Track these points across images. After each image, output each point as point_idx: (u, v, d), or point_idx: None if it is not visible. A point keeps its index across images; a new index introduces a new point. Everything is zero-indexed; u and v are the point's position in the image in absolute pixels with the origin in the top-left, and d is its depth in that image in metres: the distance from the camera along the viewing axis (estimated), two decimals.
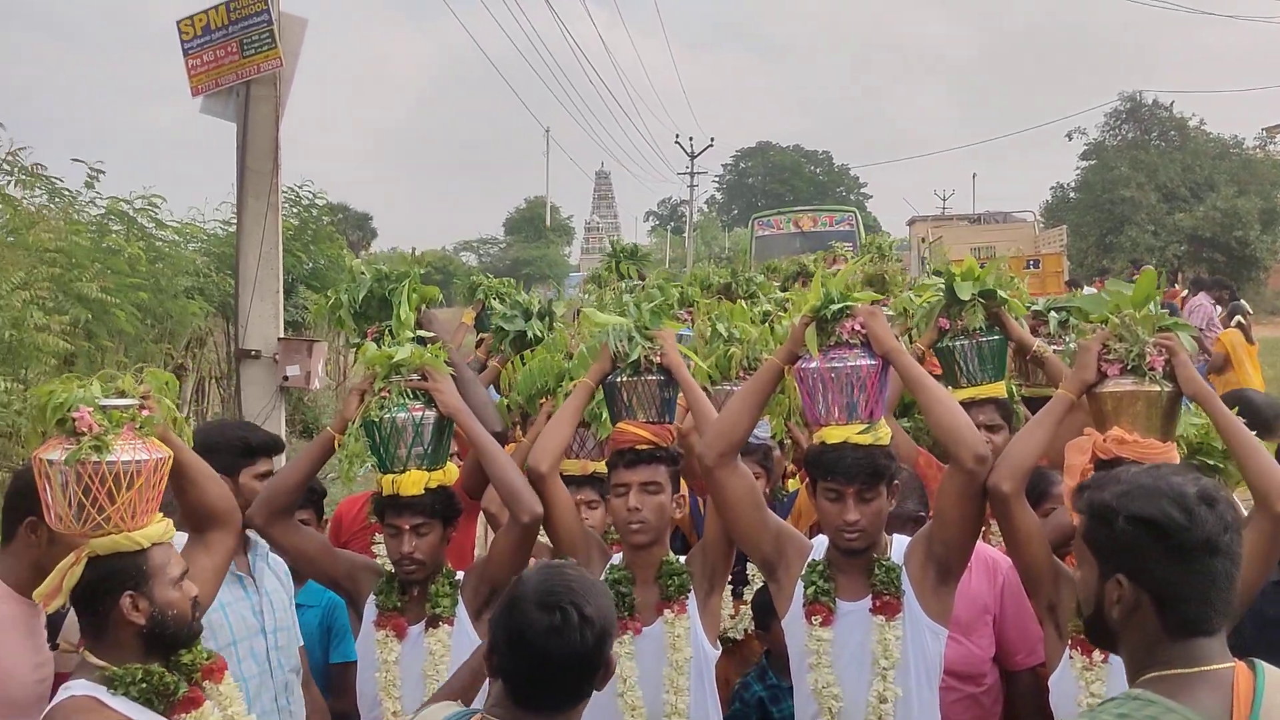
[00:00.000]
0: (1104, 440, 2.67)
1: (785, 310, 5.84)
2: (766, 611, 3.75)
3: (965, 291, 4.15)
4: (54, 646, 2.88)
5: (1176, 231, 29.85)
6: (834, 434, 2.94)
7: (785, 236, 23.11)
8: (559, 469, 3.33)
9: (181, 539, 2.72)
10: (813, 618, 2.96)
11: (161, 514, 2.58)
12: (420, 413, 3.18)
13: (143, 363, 9.90)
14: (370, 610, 3.24)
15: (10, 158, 8.54)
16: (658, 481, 3.21)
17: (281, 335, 7.31)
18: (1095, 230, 30.62)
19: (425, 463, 3.18)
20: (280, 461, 3.76)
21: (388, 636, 3.17)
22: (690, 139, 50.99)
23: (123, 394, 2.57)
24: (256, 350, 7.18)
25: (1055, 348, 4.59)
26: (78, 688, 2.40)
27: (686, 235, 51.18)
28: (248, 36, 7.08)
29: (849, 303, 2.97)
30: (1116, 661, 2.61)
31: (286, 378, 7.33)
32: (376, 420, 3.16)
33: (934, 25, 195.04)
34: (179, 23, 7.20)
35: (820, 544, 3.09)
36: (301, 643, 3.58)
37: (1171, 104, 33.30)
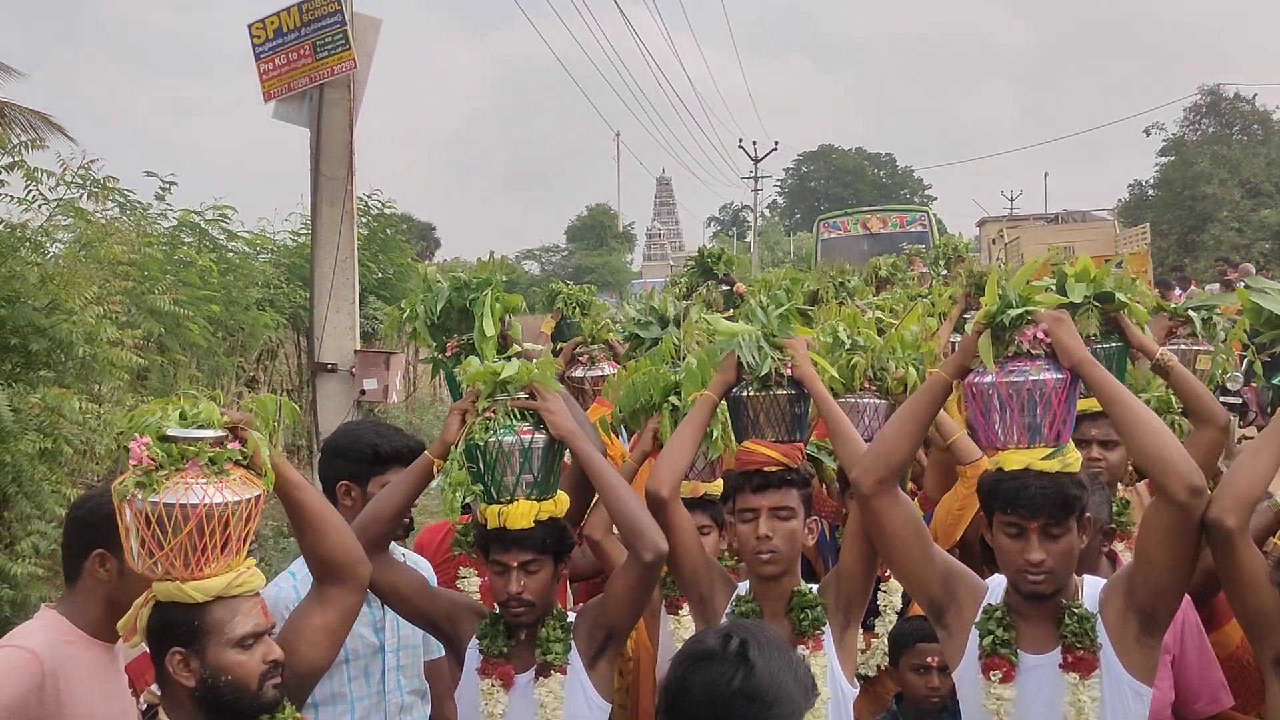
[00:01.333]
0: None
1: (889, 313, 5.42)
2: (901, 645, 3.41)
3: (1078, 293, 3.65)
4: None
5: (1263, 228, 28.77)
6: (1014, 459, 2.52)
7: (853, 239, 22.00)
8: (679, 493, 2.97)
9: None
10: (991, 673, 2.55)
11: (252, 561, 2.29)
12: (529, 435, 2.84)
13: (216, 376, 9.79)
14: (472, 656, 2.90)
15: (83, 171, 8.41)
16: (789, 506, 2.88)
17: (358, 348, 7.07)
18: (1176, 228, 29.59)
19: (535, 492, 2.83)
20: None
21: (494, 686, 2.83)
22: (754, 143, 50.53)
23: (205, 425, 2.25)
24: (333, 363, 6.96)
25: (1199, 348, 4.13)
26: None
27: (751, 240, 50.71)
28: (321, 38, 6.86)
29: (1031, 307, 2.56)
30: None
31: (364, 391, 7.09)
32: (481, 444, 2.81)
33: (997, 21, 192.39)
34: (250, 26, 7.00)
35: (997, 585, 2.68)
36: (440, 654, 3.28)
37: (1254, 97, 32.18)
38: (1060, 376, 2.53)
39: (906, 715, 3.42)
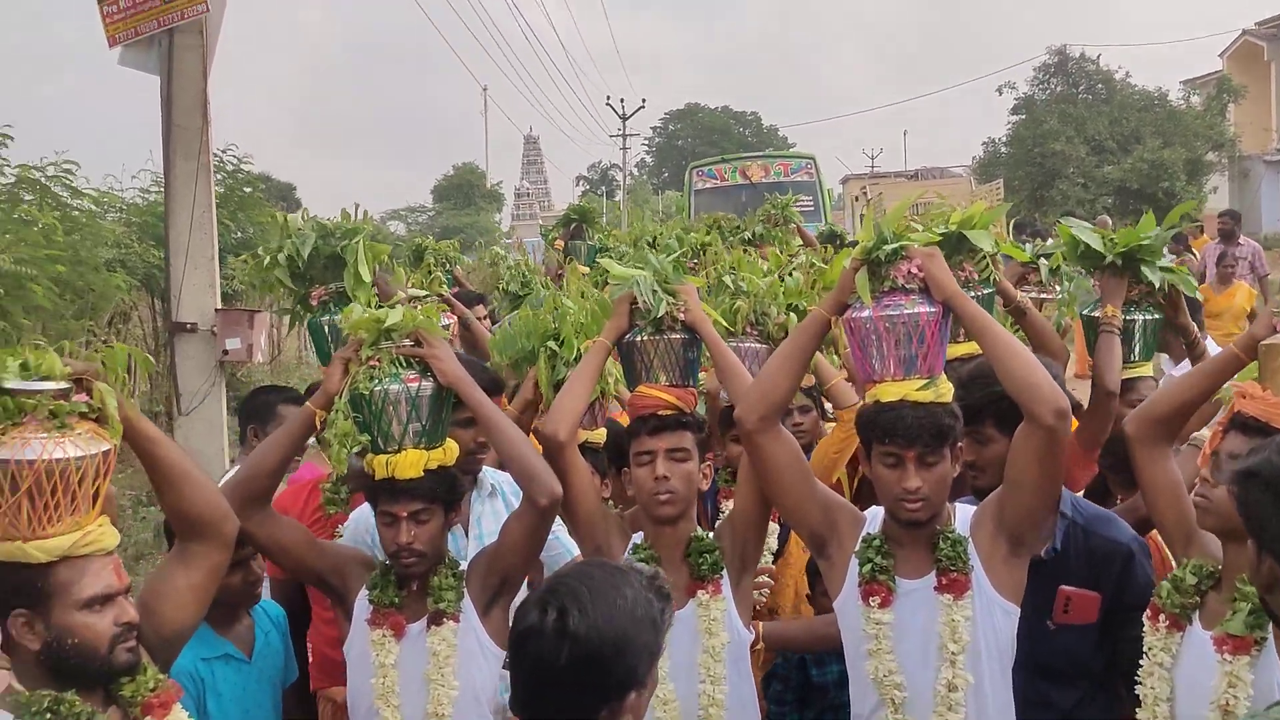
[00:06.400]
0: (1242, 396, 2.38)
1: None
2: (814, 575, 3.45)
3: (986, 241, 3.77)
4: None
5: (1106, 184, 30.06)
6: (890, 391, 2.61)
7: (731, 189, 19.69)
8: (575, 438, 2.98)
9: None
10: (870, 599, 2.65)
11: (105, 519, 2.18)
12: (416, 384, 2.80)
13: (64, 340, 9.30)
14: (362, 608, 2.87)
15: None
16: (685, 448, 2.91)
17: (218, 306, 6.81)
18: (1027, 184, 30.64)
19: (423, 441, 2.81)
20: None
21: (385, 636, 2.81)
22: (622, 101, 50.34)
23: (46, 376, 2.13)
24: (192, 323, 6.67)
25: (1046, 296, 4.35)
26: None
27: (620, 199, 50.66)
28: None
29: (904, 243, 2.64)
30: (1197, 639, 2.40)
31: (226, 351, 6.85)
32: (366, 393, 2.76)
33: None
34: None
35: (875, 516, 2.78)
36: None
37: (1099, 57, 33.53)
38: (933, 310, 2.62)
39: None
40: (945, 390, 2.64)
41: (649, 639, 1.80)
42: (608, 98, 54.19)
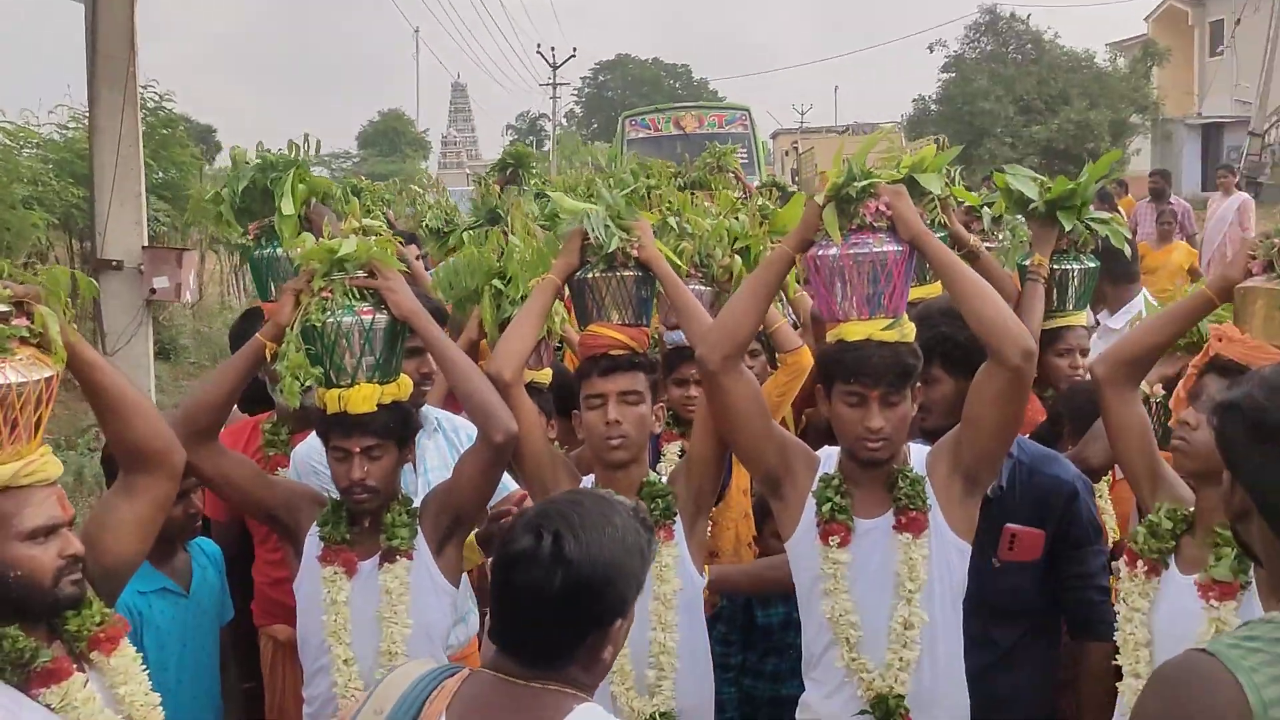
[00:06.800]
0: (1214, 339, 2.41)
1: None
2: (763, 516, 3.48)
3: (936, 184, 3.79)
4: None
5: (1033, 144, 30.44)
6: (855, 330, 2.60)
7: (664, 139, 19.67)
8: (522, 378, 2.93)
9: None
10: (829, 538, 2.65)
11: (46, 449, 2.09)
12: (370, 316, 2.72)
13: None
14: (312, 545, 2.81)
15: None
16: (637, 390, 2.84)
17: (145, 244, 6.59)
18: (956, 142, 30.76)
19: (377, 374, 2.74)
20: None
21: (336, 573, 2.76)
22: (553, 49, 49.67)
23: None
24: (118, 260, 6.45)
25: (988, 245, 4.41)
26: None
27: (550, 149, 50.10)
28: None
29: (873, 180, 2.62)
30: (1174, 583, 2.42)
31: (154, 290, 6.64)
32: (318, 325, 2.68)
33: None
34: None
35: (829, 456, 2.78)
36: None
37: (1028, 17, 33.83)
38: (900, 249, 2.61)
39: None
40: (909, 330, 2.64)
41: (637, 568, 1.79)
42: (538, 46, 53.44)
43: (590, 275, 2.96)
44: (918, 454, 2.74)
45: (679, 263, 3.40)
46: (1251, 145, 23.62)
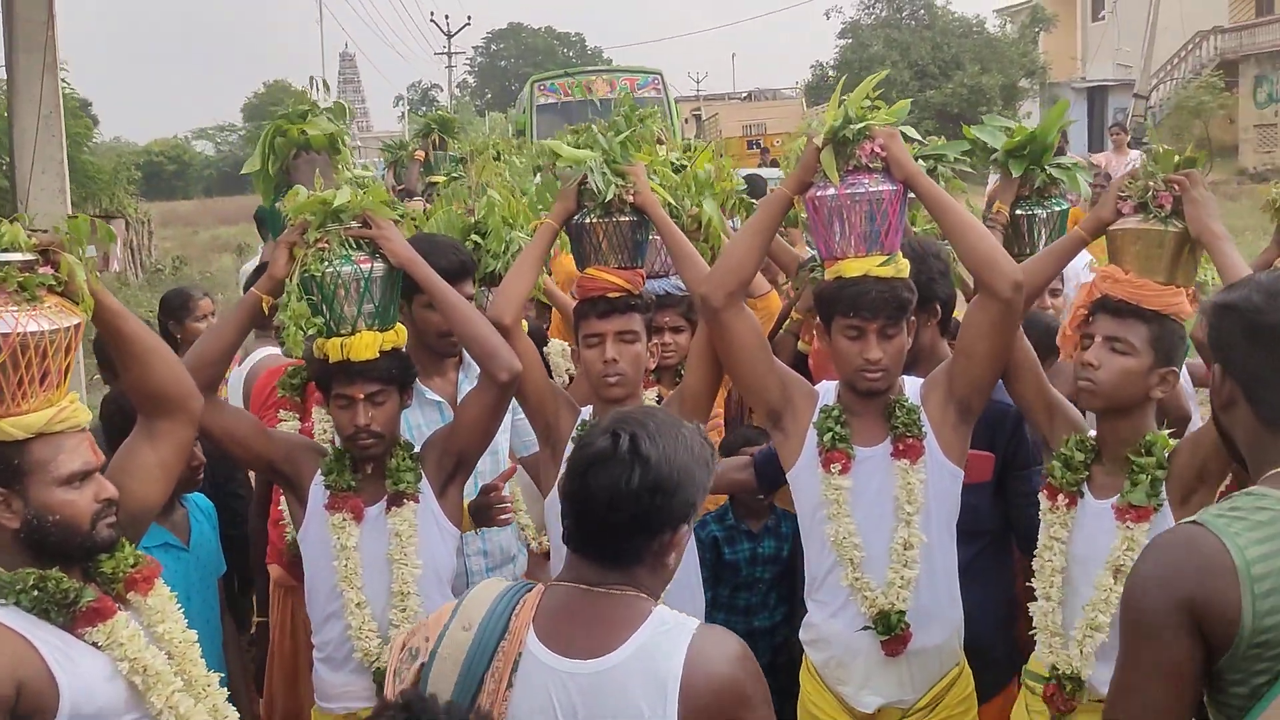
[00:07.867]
0: (1099, 279, 2.59)
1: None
2: (732, 449, 3.53)
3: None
4: None
5: (928, 108, 31.25)
6: (853, 266, 2.70)
7: (575, 105, 19.07)
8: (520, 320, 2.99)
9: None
10: (831, 466, 2.76)
11: (75, 395, 2.10)
12: (368, 265, 2.73)
13: None
14: (317, 494, 2.81)
15: None
16: (634, 330, 2.96)
17: (70, 213, 6.36)
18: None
19: (376, 322, 2.75)
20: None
21: (345, 520, 2.78)
22: (446, 17, 48.95)
23: (11, 248, 2.04)
24: (43, 230, 6.20)
25: None
26: None
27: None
28: None
29: (868, 123, 2.70)
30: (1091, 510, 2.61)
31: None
32: (317, 275, 2.67)
33: None
34: None
35: (826, 389, 2.88)
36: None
37: None
38: (894, 188, 2.71)
39: (738, 512, 3.68)
40: (904, 266, 2.75)
41: (703, 477, 1.86)
42: (431, 14, 52.62)
43: (588, 220, 3.03)
44: (911, 385, 2.86)
45: (673, 204, 3.46)
46: (1137, 107, 24.57)
